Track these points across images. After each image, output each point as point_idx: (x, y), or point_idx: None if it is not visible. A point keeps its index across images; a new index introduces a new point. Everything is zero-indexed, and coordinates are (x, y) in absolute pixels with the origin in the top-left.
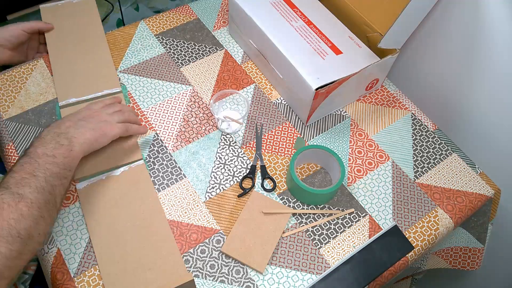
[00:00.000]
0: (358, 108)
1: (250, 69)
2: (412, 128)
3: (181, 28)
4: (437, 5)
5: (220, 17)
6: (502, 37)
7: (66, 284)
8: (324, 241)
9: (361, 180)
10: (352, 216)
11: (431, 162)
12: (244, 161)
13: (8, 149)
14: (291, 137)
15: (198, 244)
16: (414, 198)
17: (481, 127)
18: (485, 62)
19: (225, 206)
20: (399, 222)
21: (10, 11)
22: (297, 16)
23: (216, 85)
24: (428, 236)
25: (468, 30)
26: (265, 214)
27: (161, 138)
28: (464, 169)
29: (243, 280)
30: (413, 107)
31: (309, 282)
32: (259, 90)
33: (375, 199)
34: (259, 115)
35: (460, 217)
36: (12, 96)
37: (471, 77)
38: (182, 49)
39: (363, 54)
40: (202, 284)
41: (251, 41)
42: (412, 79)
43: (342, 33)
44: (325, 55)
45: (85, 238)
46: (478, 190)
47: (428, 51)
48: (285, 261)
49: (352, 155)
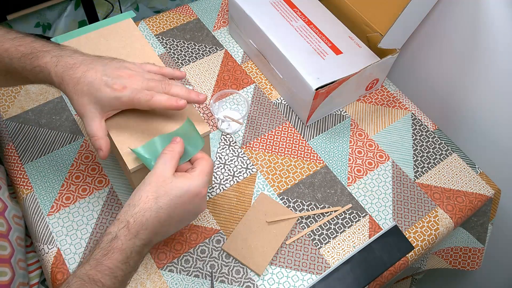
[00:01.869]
0: (358, 108)
1: (250, 69)
2: (412, 128)
3: (181, 28)
4: (437, 5)
5: (220, 17)
6: (502, 37)
7: None
8: (324, 241)
9: (361, 180)
10: (352, 216)
11: (431, 162)
12: (244, 161)
13: (8, 149)
14: (291, 137)
15: (198, 244)
16: (414, 198)
17: (481, 127)
18: (485, 62)
19: (225, 206)
20: (399, 222)
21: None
22: (297, 16)
23: (216, 85)
24: (428, 236)
25: (468, 30)
26: (269, 224)
27: None
28: (464, 169)
29: (243, 280)
30: (413, 107)
31: (309, 282)
32: (259, 90)
33: (375, 199)
34: (259, 115)
35: (460, 217)
36: (12, 96)
37: (471, 77)
38: (182, 49)
39: (363, 54)
40: (202, 284)
41: (251, 41)
42: (412, 79)
43: (342, 33)
44: (325, 55)
45: (85, 238)
46: (478, 190)
47: (428, 51)
48: (285, 261)
49: (352, 155)
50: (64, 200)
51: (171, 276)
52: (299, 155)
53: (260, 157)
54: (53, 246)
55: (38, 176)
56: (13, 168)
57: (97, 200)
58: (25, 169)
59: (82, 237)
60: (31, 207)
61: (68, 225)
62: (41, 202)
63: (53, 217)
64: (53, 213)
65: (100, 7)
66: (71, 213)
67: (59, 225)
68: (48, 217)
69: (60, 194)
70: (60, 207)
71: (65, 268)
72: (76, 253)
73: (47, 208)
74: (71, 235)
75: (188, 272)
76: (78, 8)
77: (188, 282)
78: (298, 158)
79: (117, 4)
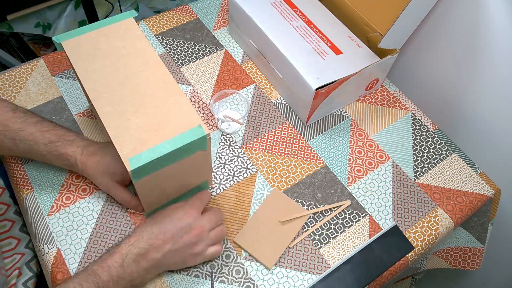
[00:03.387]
0: (358, 108)
1: (250, 69)
2: (412, 128)
3: (181, 28)
4: (437, 5)
5: (220, 17)
6: (502, 37)
7: None
8: (324, 241)
9: (361, 180)
10: (352, 216)
11: (431, 162)
12: (244, 161)
13: None
14: (291, 137)
15: None
16: (414, 198)
17: (481, 127)
18: (485, 62)
19: (225, 206)
20: (399, 222)
21: (10, 11)
22: (297, 16)
23: (216, 85)
24: (428, 236)
25: (468, 30)
26: (282, 223)
27: None
28: (464, 169)
29: (243, 280)
30: (413, 107)
31: (309, 282)
32: (259, 90)
33: (375, 199)
34: (259, 115)
35: (460, 217)
36: (12, 96)
37: (471, 77)
38: (182, 49)
39: (363, 54)
40: (202, 284)
41: (251, 41)
42: (412, 79)
43: (342, 33)
44: (325, 55)
45: (85, 238)
46: (478, 190)
47: (428, 51)
48: (285, 261)
49: (352, 155)
50: (64, 200)
51: (171, 276)
52: (299, 155)
53: (260, 157)
54: (53, 246)
55: (38, 176)
56: (13, 168)
57: (97, 200)
58: (25, 169)
59: (82, 237)
60: (31, 207)
61: (68, 225)
62: (41, 202)
63: (53, 217)
64: (53, 213)
65: (100, 7)
66: (71, 213)
67: (59, 225)
68: (48, 217)
69: (60, 194)
70: (60, 207)
71: (65, 268)
72: (76, 253)
73: (47, 208)
74: (71, 235)
75: (188, 272)
76: (78, 8)
77: (188, 282)
78: (298, 158)
79: (117, 4)
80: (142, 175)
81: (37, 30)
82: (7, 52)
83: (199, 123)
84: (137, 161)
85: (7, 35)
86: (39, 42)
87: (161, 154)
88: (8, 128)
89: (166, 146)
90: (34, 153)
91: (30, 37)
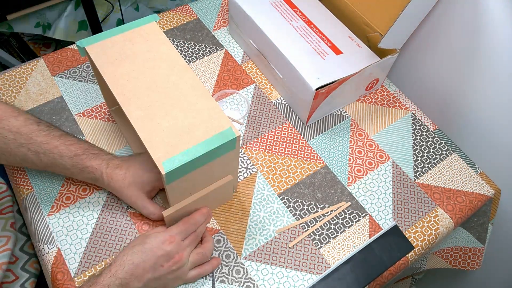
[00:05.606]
0: (358, 108)
1: (250, 69)
2: (412, 128)
3: (181, 28)
4: (437, 5)
5: (220, 17)
6: (502, 37)
7: (66, 284)
8: (324, 241)
9: (361, 180)
10: (352, 216)
11: (431, 162)
12: (244, 161)
13: None
14: (291, 137)
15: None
16: (414, 198)
17: (481, 127)
18: (485, 62)
19: (225, 206)
20: (399, 222)
21: (10, 11)
22: (297, 16)
23: (216, 85)
24: (428, 236)
25: (468, 30)
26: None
27: None
28: (464, 169)
29: (243, 280)
30: (413, 107)
31: (309, 282)
32: (259, 90)
33: (375, 199)
34: (259, 115)
35: (460, 217)
36: (12, 96)
37: (471, 77)
38: (182, 49)
39: (363, 54)
40: (202, 283)
41: (251, 41)
42: (412, 79)
43: (342, 33)
44: (325, 55)
45: (85, 238)
46: (478, 190)
47: (428, 51)
48: (285, 261)
49: (352, 155)
50: (64, 200)
51: None
52: (299, 155)
53: (260, 157)
54: (53, 246)
55: (38, 176)
56: (13, 168)
57: (97, 200)
58: (25, 169)
59: (82, 237)
60: (31, 207)
61: (68, 225)
62: (41, 202)
63: (53, 217)
64: (53, 213)
65: (100, 7)
66: (71, 213)
67: (59, 225)
68: (48, 217)
69: (60, 194)
70: (60, 207)
71: (65, 268)
72: (76, 253)
73: (47, 208)
74: (71, 235)
75: None
76: (78, 8)
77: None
78: (298, 158)
79: (117, 4)
80: (174, 178)
81: (37, 30)
82: (7, 52)
83: (230, 126)
84: (171, 165)
85: (7, 35)
86: (39, 42)
87: (194, 157)
88: (32, 141)
89: (198, 149)
90: (57, 166)
91: (30, 37)
